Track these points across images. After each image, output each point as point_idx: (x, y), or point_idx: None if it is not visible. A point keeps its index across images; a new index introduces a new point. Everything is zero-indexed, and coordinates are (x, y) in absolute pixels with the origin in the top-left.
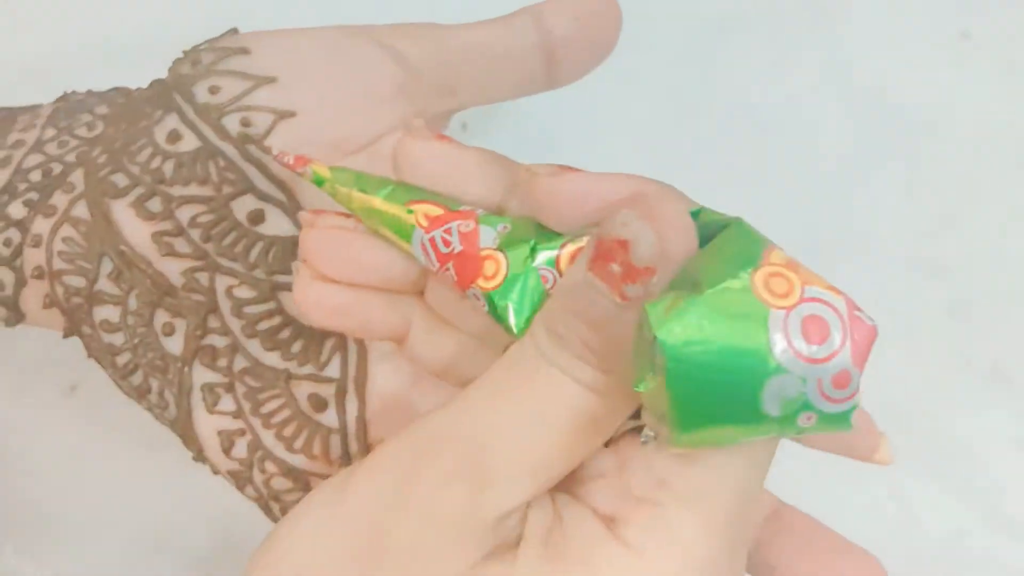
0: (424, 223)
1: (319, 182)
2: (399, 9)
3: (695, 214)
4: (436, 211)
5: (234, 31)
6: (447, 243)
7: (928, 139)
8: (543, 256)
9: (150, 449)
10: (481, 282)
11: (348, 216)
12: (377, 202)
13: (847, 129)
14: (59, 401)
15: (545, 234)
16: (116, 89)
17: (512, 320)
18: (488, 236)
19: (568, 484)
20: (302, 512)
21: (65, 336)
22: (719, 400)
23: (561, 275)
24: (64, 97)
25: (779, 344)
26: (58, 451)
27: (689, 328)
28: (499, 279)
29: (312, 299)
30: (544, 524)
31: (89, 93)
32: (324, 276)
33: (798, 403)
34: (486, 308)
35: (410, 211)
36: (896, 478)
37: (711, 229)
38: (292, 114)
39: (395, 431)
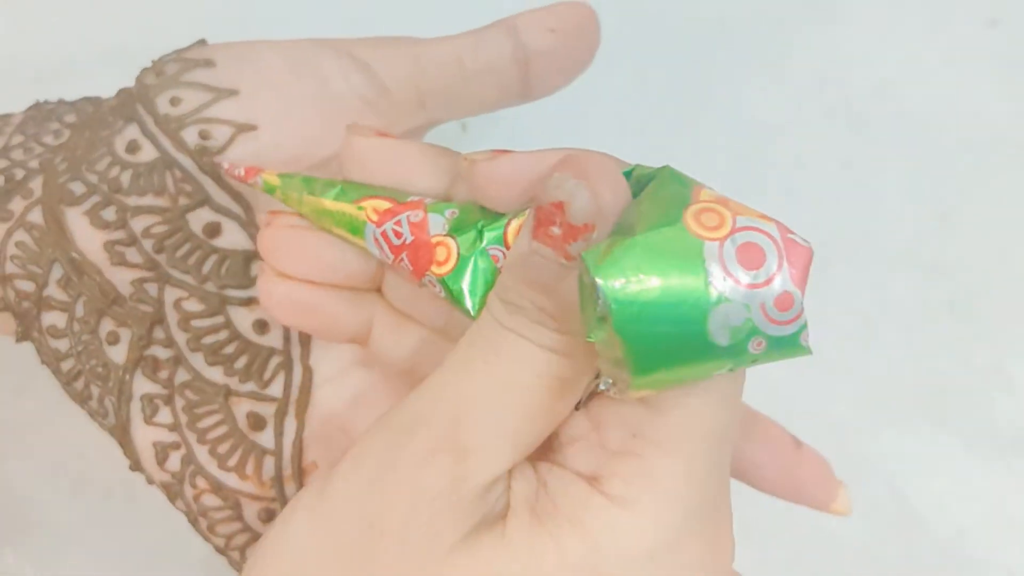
0: (375, 217)
1: (270, 190)
2: (381, 23)
3: (627, 173)
4: (385, 205)
5: (202, 42)
6: (398, 234)
7: (928, 139)
8: (490, 236)
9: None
10: (435, 268)
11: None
12: (327, 203)
13: (847, 129)
14: (59, 402)
15: (491, 216)
16: (87, 99)
17: (468, 303)
18: (437, 223)
19: (547, 452)
20: (288, 514)
21: (17, 340)
22: (668, 336)
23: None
24: (36, 106)
25: (716, 274)
26: (58, 452)
27: (626, 269)
28: (451, 264)
29: (276, 297)
30: (529, 492)
31: (60, 102)
32: (286, 275)
33: (745, 330)
34: (443, 294)
35: (360, 207)
36: (896, 477)
37: (644, 183)
38: (252, 127)
39: (330, 456)
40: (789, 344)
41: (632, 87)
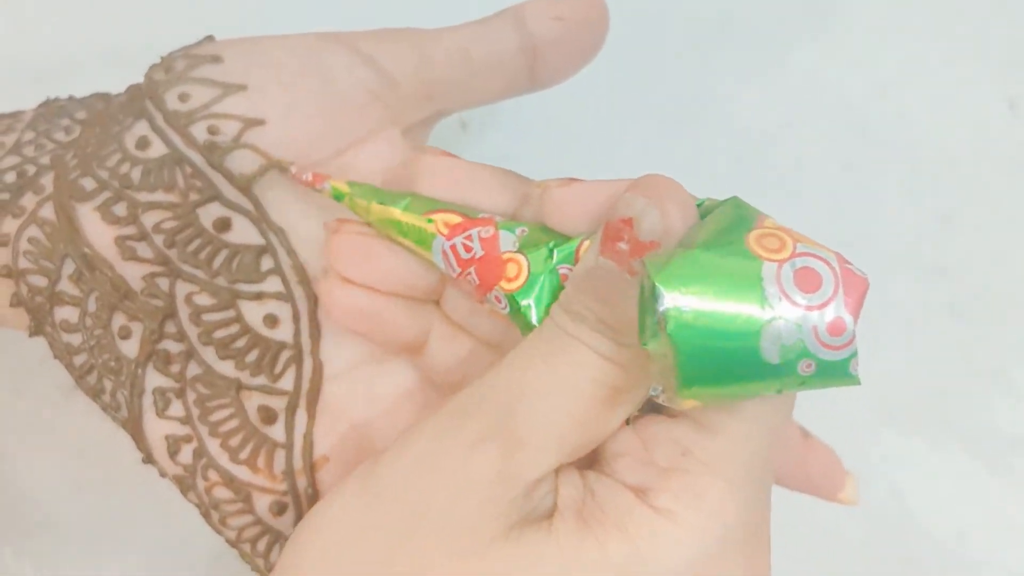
0: (445, 231)
1: (338, 197)
2: (385, 16)
3: (698, 204)
4: (455, 219)
5: (210, 38)
6: (468, 248)
7: (929, 141)
8: (560, 255)
9: None
10: (504, 284)
11: (369, 225)
12: (397, 213)
13: (847, 131)
14: (59, 402)
15: (560, 237)
16: (97, 95)
17: (534, 318)
18: (508, 240)
19: (595, 464)
20: (334, 494)
21: (31, 335)
22: (719, 348)
23: None
24: (46, 103)
25: (773, 293)
26: (58, 453)
27: (685, 278)
28: (521, 280)
29: (339, 302)
30: (577, 497)
31: (71, 99)
32: (349, 280)
33: (796, 350)
34: (507, 310)
35: (430, 220)
36: (896, 478)
37: (711, 211)
38: (260, 122)
39: (342, 450)
40: (838, 370)
41: (632, 88)
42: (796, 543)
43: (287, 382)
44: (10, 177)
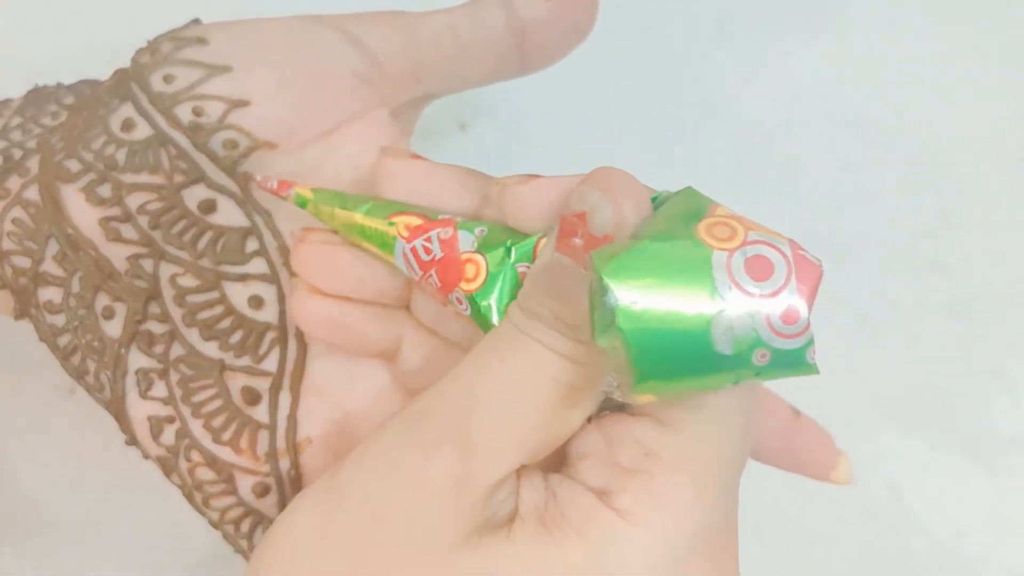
0: (405, 233)
1: (302, 203)
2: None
3: (655, 198)
4: (416, 221)
5: (196, 21)
6: (428, 251)
7: (928, 140)
8: (518, 253)
9: None
10: (463, 285)
11: (335, 233)
12: (358, 217)
13: (846, 130)
14: (59, 402)
15: (519, 236)
16: (85, 81)
17: (495, 318)
18: (467, 241)
19: (557, 464)
20: (297, 501)
21: (16, 318)
22: (671, 341)
23: None
24: (35, 90)
25: (723, 283)
26: (58, 453)
27: (633, 271)
28: (480, 280)
29: (308, 312)
30: (539, 501)
31: (59, 85)
32: (318, 290)
33: (749, 340)
34: (468, 311)
35: (391, 223)
36: (894, 477)
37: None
38: (245, 103)
39: (325, 432)
40: (795, 359)
41: (632, 87)
42: (793, 542)
43: (271, 363)
44: None
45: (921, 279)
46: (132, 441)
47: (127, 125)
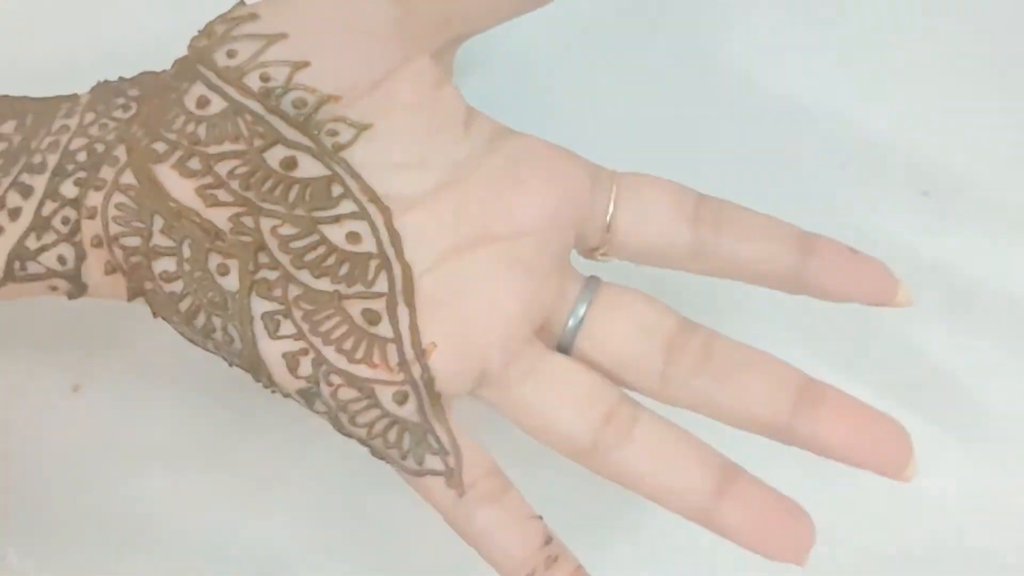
0: None
1: None
2: None
3: None
4: None
5: (241, 3)
6: None
7: (927, 135)
8: None
9: (152, 450)
10: None
11: None
12: None
13: (845, 127)
14: (62, 401)
15: None
16: (145, 73)
17: None
18: None
19: None
20: None
21: (130, 299)
22: None
23: None
24: (99, 85)
25: None
26: (61, 451)
27: None
28: None
29: None
30: None
31: (121, 79)
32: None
33: None
34: None
35: None
36: None
37: None
38: (306, 64)
39: (446, 334)
40: None
41: (637, 72)
42: None
43: (382, 285)
44: (82, 156)
45: (919, 274)
46: (269, 384)
47: (202, 102)
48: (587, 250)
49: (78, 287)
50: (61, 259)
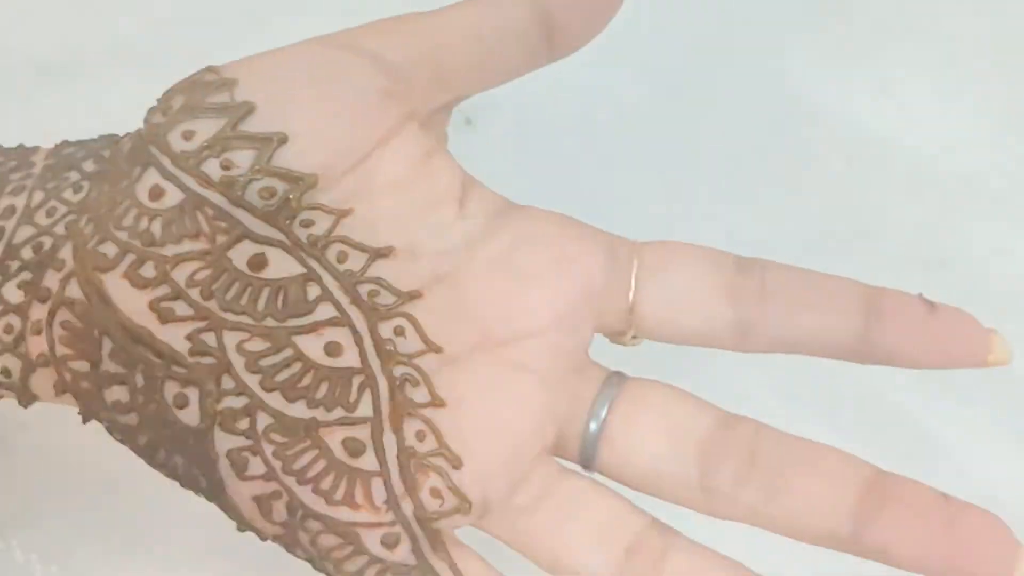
0: None
1: None
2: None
3: None
4: None
5: (210, 69)
6: None
7: (929, 133)
8: None
9: None
10: None
11: None
12: None
13: (849, 124)
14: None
15: None
16: (104, 138)
17: None
18: None
19: None
20: None
21: (84, 421)
22: None
23: None
24: (56, 149)
25: None
26: (63, 447)
27: None
28: None
29: None
30: None
31: (79, 145)
32: None
33: None
34: None
35: None
36: (896, 472)
37: None
38: (271, 142)
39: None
40: None
41: (640, 80)
42: None
43: (366, 408)
44: (27, 253)
45: (922, 274)
46: (245, 526)
47: (155, 193)
48: (614, 334)
49: (27, 397)
50: (5, 371)
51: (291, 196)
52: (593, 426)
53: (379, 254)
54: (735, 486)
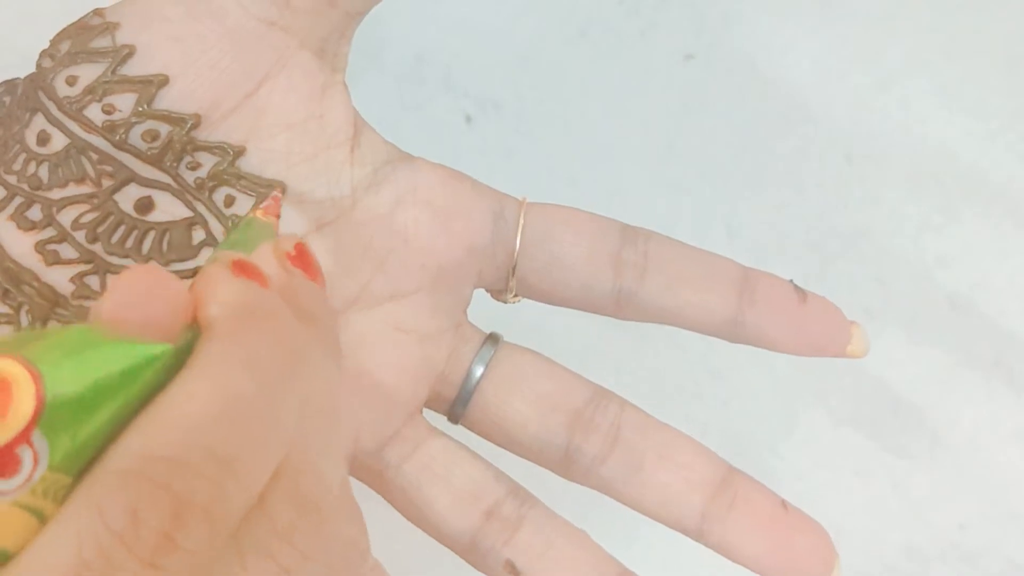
0: None
1: None
2: None
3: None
4: None
5: (95, 12)
6: None
7: (930, 132)
8: None
9: None
10: None
11: None
12: None
13: (849, 121)
14: None
15: None
16: (6, 83)
17: None
18: None
19: None
20: None
21: None
22: None
23: None
24: None
25: None
26: None
27: None
28: None
29: None
30: None
31: None
32: None
33: None
34: None
35: None
36: (898, 471)
37: None
38: (152, 83)
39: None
40: None
41: (636, 80)
42: None
43: None
44: None
45: (923, 273)
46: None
47: (42, 138)
48: (495, 292)
49: None
50: None
51: (174, 138)
52: (466, 384)
53: (269, 185)
54: (596, 460)
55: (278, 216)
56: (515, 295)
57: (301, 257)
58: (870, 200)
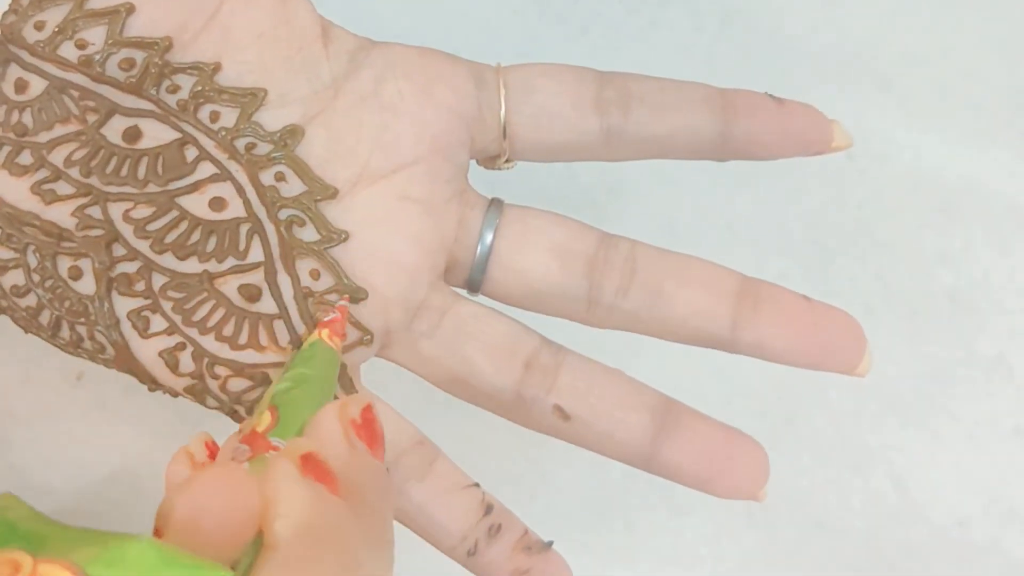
0: None
1: None
2: None
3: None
4: None
5: None
6: None
7: (930, 128)
8: None
9: (157, 437)
10: None
11: None
12: None
13: (849, 119)
14: (67, 390)
15: None
16: None
17: None
18: None
19: None
20: None
21: None
22: None
23: None
24: None
25: None
26: (65, 440)
27: None
28: None
29: None
30: None
31: None
32: None
33: None
34: None
35: None
36: (898, 466)
37: None
38: (121, 13)
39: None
40: None
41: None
42: (798, 533)
43: (257, 254)
44: None
45: (923, 268)
46: (153, 386)
47: (20, 86)
48: (487, 160)
49: None
50: None
51: (150, 63)
52: (480, 249)
53: (251, 94)
54: (617, 294)
55: (343, 337)
56: (507, 159)
57: (367, 426)
58: (869, 196)
